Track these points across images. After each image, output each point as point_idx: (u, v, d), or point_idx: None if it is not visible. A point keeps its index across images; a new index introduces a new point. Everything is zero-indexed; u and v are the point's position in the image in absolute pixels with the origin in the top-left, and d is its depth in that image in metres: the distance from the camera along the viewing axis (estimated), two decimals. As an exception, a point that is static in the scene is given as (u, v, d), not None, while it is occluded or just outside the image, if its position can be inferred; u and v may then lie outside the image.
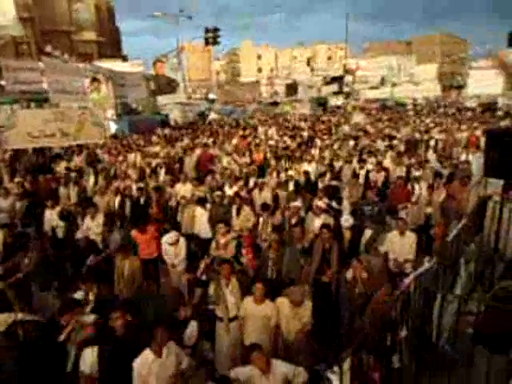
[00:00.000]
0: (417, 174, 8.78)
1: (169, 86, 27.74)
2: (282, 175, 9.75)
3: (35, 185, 9.76)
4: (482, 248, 5.77)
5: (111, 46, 43.12)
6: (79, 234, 7.02)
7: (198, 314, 4.62)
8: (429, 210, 7.03)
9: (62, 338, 3.92)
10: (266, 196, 8.25)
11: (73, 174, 10.20)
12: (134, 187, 8.97)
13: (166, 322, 3.82)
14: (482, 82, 35.80)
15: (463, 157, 11.02)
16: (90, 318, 4.11)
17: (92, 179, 10.12)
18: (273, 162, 11.26)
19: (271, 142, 15.20)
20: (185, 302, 4.88)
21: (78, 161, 12.62)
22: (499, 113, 26.15)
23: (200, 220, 7.43)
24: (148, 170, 10.97)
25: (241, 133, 18.49)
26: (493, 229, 5.62)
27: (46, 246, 6.47)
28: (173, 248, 6.22)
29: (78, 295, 4.70)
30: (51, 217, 7.62)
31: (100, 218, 7.07)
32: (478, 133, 14.63)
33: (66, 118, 11.29)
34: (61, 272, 5.85)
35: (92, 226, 6.97)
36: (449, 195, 7.52)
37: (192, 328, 4.33)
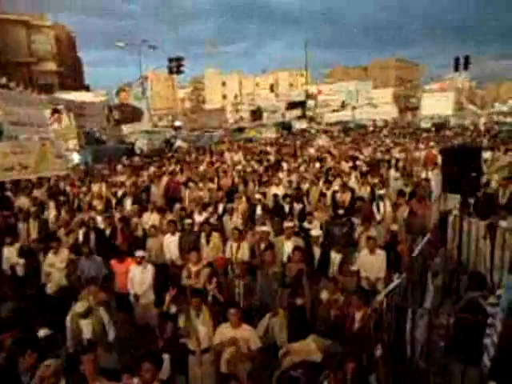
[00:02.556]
0: (381, 192, 9.08)
1: (133, 115, 27.55)
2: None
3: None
4: (446, 261, 5.99)
5: (73, 76, 42.54)
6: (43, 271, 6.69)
7: (171, 347, 4.46)
8: (394, 227, 7.25)
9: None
10: (236, 221, 8.24)
11: (33, 209, 9.76)
12: (99, 218, 8.70)
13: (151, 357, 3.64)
14: (435, 104, 38.14)
15: (423, 174, 11.54)
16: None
17: (53, 212, 9.71)
18: (241, 187, 11.30)
19: (238, 167, 15.29)
20: (155, 336, 4.71)
21: (38, 194, 12.10)
22: (451, 132, 27.82)
23: (169, 248, 7.28)
24: (113, 201, 10.69)
25: (208, 159, 18.51)
26: (455, 242, 5.86)
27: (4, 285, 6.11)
28: (139, 271, 6.03)
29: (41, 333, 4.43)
30: (10, 254, 7.20)
31: (64, 253, 6.76)
32: (435, 151, 15.43)
33: (24, 151, 10.87)
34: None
35: (55, 262, 6.65)
36: (411, 212, 7.81)
37: (165, 362, 4.16)
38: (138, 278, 6.04)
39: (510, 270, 5.10)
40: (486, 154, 12.62)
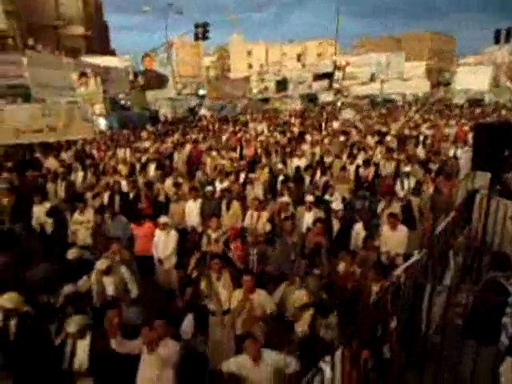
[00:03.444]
0: (406, 169, 8.86)
1: (158, 82, 27.43)
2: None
3: (23, 181, 9.60)
4: (470, 240, 5.86)
5: (99, 40, 42.47)
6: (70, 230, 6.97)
7: (191, 308, 4.62)
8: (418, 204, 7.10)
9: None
10: (257, 191, 8.26)
11: (61, 170, 10.06)
12: (124, 183, 8.89)
13: (163, 316, 3.81)
14: (469, 79, 36.22)
15: (451, 152, 11.17)
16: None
17: (80, 175, 9.98)
18: (263, 158, 11.26)
19: (262, 138, 15.18)
20: (176, 297, 4.87)
21: (66, 156, 12.43)
22: (486, 108, 26.52)
23: (191, 214, 7.40)
24: (138, 166, 10.87)
25: (231, 129, 18.44)
26: (480, 221, 5.71)
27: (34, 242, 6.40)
28: (163, 236, 6.18)
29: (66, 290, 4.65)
30: (39, 213, 7.51)
31: (89, 213, 6.99)
32: (466, 128, 14.83)
33: (53, 113, 11.12)
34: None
35: (83, 220, 6.91)
36: (437, 189, 7.62)
37: (188, 321, 4.32)
38: (161, 242, 6.20)
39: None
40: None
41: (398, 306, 4.29)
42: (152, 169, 10.37)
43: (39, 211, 7.51)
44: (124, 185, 8.79)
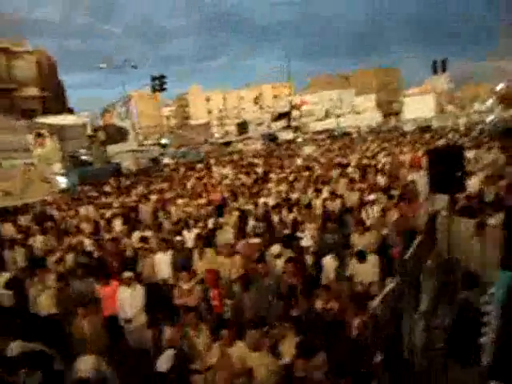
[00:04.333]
0: (370, 197, 9.11)
1: (119, 135, 27.45)
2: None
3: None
4: (439, 262, 5.99)
5: (56, 100, 42.27)
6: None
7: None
8: (384, 231, 7.26)
9: None
10: (228, 235, 8.17)
11: (18, 236, 9.56)
12: (87, 242, 8.55)
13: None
14: (416, 107, 38.88)
15: (409, 177, 11.65)
16: None
17: (40, 238, 9.51)
18: (230, 201, 11.25)
19: (227, 181, 15.27)
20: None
21: (23, 220, 11.87)
22: (434, 133, 28.27)
23: (161, 267, 7.16)
24: (102, 222, 10.53)
25: (196, 175, 18.48)
26: (445, 242, 5.87)
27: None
28: (129, 292, 5.88)
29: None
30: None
31: (51, 279, 6.60)
32: (420, 153, 15.64)
33: (9, 177, 10.74)
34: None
35: (45, 288, 6.49)
36: (401, 215, 7.84)
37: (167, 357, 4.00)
38: (128, 300, 5.88)
39: (501, 267, 5.13)
40: (470, 154, 12.80)
41: (380, 338, 4.24)
42: (118, 224, 10.08)
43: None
44: (88, 244, 8.45)
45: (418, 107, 38.86)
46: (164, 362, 4.06)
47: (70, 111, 39.91)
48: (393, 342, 4.37)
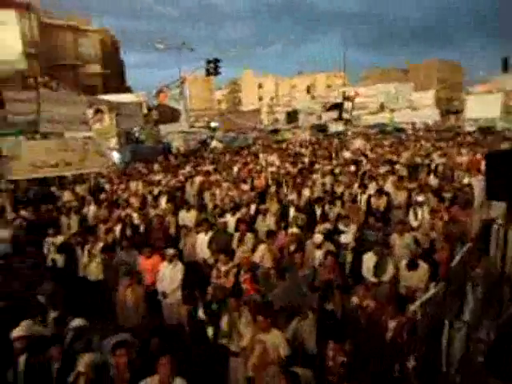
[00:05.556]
0: (419, 198, 8.73)
1: (171, 116, 28.19)
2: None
3: (38, 215, 9.76)
4: (488, 272, 5.65)
5: (116, 78, 44.21)
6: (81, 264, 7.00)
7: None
8: (432, 234, 6.95)
9: None
10: (269, 222, 8.21)
11: (74, 203, 10.23)
12: (135, 215, 8.96)
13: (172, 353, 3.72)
14: (480, 107, 36.27)
15: (465, 180, 11.01)
16: None
17: (93, 208, 10.11)
18: (274, 189, 11.27)
19: (272, 169, 15.26)
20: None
21: (80, 190, 12.67)
22: (497, 136, 26.34)
23: (202, 247, 7.36)
24: (150, 198, 10.98)
25: (242, 160, 18.63)
26: (498, 252, 5.52)
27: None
28: (170, 269, 6.10)
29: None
30: (52, 247, 7.57)
31: (100, 247, 7.03)
32: (479, 156, 14.68)
33: (69, 148, 11.44)
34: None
35: (94, 254, 6.93)
36: (451, 219, 7.46)
37: None
38: (168, 275, 6.12)
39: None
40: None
41: (416, 344, 4.11)
42: (164, 201, 10.46)
43: (52, 244, 7.59)
44: (136, 217, 8.86)
45: (481, 107, 36.22)
46: None
47: (129, 90, 41.59)
48: (429, 349, 4.21)
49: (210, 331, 4.76)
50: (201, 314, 5.01)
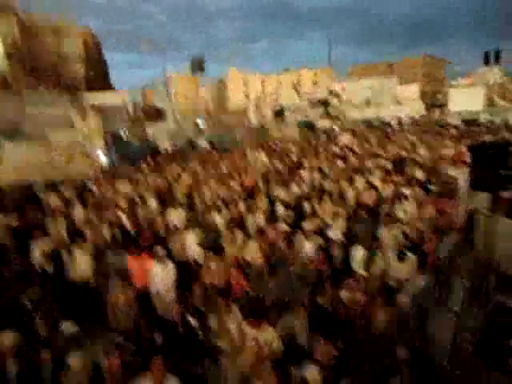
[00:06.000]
0: (406, 191, 8.84)
1: (157, 115, 28.01)
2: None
3: (23, 220, 9.56)
4: (475, 262, 5.76)
5: (99, 78, 43.67)
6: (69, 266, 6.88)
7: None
8: (420, 226, 7.05)
9: None
10: (258, 219, 8.22)
11: (60, 206, 10.07)
12: (124, 216, 8.87)
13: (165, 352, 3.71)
14: (463, 100, 36.85)
15: (450, 172, 11.17)
16: None
17: (80, 210, 9.97)
18: (262, 185, 11.27)
19: (261, 166, 15.26)
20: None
21: (66, 192, 12.46)
22: (480, 128, 26.81)
23: (191, 246, 7.33)
24: (137, 199, 10.87)
25: (230, 158, 18.58)
26: (483, 242, 5.63)
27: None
28: (161, 269, 6.08)
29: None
30: (39, 251, 7.43)
31: (88, 249, 6.94)
32: (463, 148, 14.90)
33: (54, 151, 11.27)
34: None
35: (83, 256, 6.84)
36: (438, 211, 7.58)
37: None
38: (159, 276, 6.09)
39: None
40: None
41: (406, 334, 4.17)
42: (152, 201, 10.38)
43: (39, 248, 7.45)
44: (124, 219, 8.77)
45: (464, 100, 36.81)
46: None
47: (112, 89, 41.10)
48: (418, 339, 4.29)
49: (200, 332, 4.75)
50: (189, 317, 4.99)
